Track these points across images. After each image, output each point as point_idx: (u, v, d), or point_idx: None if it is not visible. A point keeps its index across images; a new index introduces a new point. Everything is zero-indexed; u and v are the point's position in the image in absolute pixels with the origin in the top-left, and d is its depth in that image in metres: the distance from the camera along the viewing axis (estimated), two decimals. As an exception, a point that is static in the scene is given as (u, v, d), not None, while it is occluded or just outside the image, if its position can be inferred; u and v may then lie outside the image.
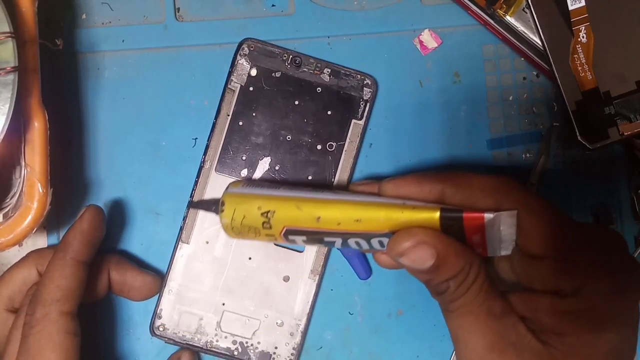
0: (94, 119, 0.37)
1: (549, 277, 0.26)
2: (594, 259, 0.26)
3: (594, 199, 0.39)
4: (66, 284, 0.30)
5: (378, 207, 0.28)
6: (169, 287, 0.36)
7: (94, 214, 0.33)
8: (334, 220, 0.29)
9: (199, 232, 0.36)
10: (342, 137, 0.37)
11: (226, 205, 0.31)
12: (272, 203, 0.30)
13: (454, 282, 0.27)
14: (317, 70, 0.37)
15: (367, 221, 0.28)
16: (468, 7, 0.37)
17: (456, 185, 0.28)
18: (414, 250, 0.26)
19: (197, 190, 0.36)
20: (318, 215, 0.29)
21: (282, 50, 0.37)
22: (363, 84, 0.37)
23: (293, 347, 0.36)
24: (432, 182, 0.28)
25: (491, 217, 0.26)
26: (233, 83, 0.37)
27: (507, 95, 0.38)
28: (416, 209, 0.27)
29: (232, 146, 0.36)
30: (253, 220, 0.30)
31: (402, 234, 0.27)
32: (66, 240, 0.32)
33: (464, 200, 0.28)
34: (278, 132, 0.37)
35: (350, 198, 0.29)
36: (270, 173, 0.36)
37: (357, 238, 0.29)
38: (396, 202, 0.28)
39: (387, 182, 0.30)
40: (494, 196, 0.27)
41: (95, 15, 0.37)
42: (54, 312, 0.30)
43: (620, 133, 0.36)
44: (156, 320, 0.36)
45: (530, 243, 0.27)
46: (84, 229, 0.32)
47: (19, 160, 0.32)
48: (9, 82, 0.29)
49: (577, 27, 0.35)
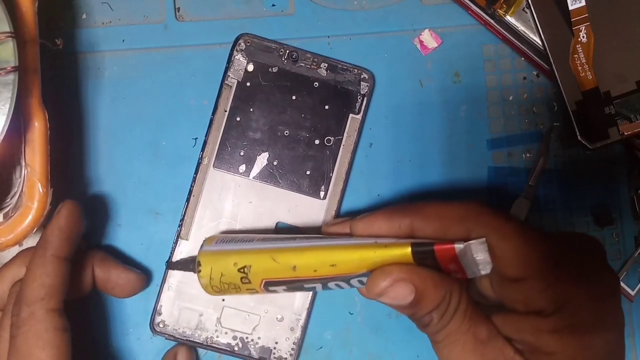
0: (94, 119, 0.37)
1: (529, 299, 0.26)
2: (571, 273, 0.26)
3: (594, 199, 0.39)
4: (49, 281, 0.30)
5: (351, 250, 0.28)
6: (168, 284, 0.36)
7: (71, 209, 0.32)
8: (310, 267, 0.29)
9: (197, 228, 0.36)
10: (340, 132, 0.37)
11: (202, 265, 0.31)
12: (248, 258, 0.30)
13: (436, 314, 0.27)
14: (314, 65, 0.37)
15: (342, 265, 0.28)
16: (468, 7, 0.37)
17: (424, 217, 0.28)
18: (392, 288, 0.27)
19: (196, 186, 0.36)
20: (294, 264, 0.29)
21: (279, 45, 0.37)
22: (360, 78, 0.37)
23: (293, 341, 0.36)
24: (400, 216, 0.28)
25: (461, 247, 0.26)
26: (230, 79, 0.37)
27: (507, 95, 0.38)
28: (388, 246, 0.27)
29: (230, 142, 0.36)
30: (231, 277, 0.30)
31: (378, 274, 0.27)
32: (45, 238, 0.31)
33: (434, 231, 0.28)
34: (276, 127, 0.37)
35: (323, 243, 0.29)
36: (269, 168, 0.36)
37: (336, 281, 0.29)
38: (368, 242, 0.28)
39: (358, 221, 0.29)
40: (464, 224, 0.27)
41: (95, 15, 0.37)
42: (39, 311, 0.29)
43: (620, 133, 0.36)
44: (156, 316, 0.36)
45: (506, 267, 0.26)
46: (62, 225, 0.32)
47: (19, 160, 0.32)
48: (9, 82, 0.29)
49: (577, 27, 0.35)
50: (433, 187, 0.38)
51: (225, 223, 0.36)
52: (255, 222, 0.36)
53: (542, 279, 0.26)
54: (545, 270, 0.26)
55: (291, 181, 0.36)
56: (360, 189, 0.37)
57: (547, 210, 0.38)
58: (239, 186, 0.36)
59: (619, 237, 0.39)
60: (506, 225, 0.27)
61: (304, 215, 0.36)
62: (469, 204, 0.28)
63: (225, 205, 0.36)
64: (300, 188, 0.36)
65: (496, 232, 0.26)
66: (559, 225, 0.38)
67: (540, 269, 0.26)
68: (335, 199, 0.36)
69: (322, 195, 0.36)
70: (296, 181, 0.36)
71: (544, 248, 0.26)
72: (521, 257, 0.26)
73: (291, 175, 0.36)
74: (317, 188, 0.36)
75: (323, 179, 0.37)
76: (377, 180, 0.38)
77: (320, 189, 0.36)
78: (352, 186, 0.37)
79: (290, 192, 0.36)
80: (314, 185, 0.36)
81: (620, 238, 0.39)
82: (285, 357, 0.36)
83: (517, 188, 0.38)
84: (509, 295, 0.27)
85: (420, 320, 0.28)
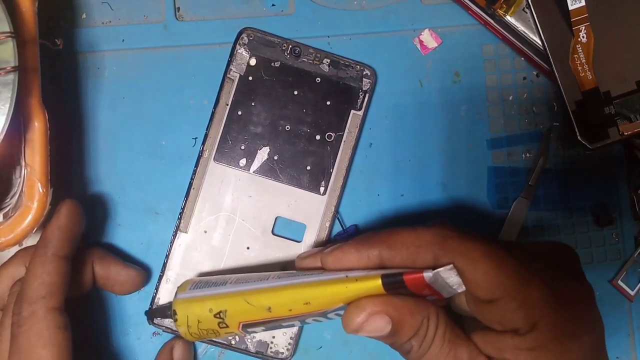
0: (94, 118, 0.37)
1: (504, 319, 0.26)
2: (542, 290, 0.26)
3: (594, 199, 0.39)
4: (50, 280, 0.30)
5: (323, 286, 0.28)
6: (166, 277, 0.36)
7: (71, 208, 0.32)
8: (285, 307, 0.29)
9: (197, 221, 0.36)
10: (341, 128, 0.37)
11: (178, 313, 0.31)
12: (222, 302, 0.30)
13: (416, 340, 0.27)
14: (316, 60, 0.37)
15: (315, 302, 0.28)
16: (468, 6, 0.37)
17: (392, 246, 0.28)
18: (368, 323, 0.27)
19: (196, 179, 0.36)
20: (268, 305, 0.29)
21: (282, 40, 0.37)
22: (362, 74, 0.37)
23: (290, 336, 0.36)
24: (368, 247, 0.28)
25: (430, 275, 0.26)
26: (232, 72, 0.37)
27: (507, 95, 0.38)
28: (359, 280, 0.27)
29: (231, 136, 0.36)
30: (208, 323, 0.30)
31: (352, 310, 0.27)
32: (45, 237, 0.31)
33: (402, 260, 0.27)
34: (277, 122, 0.37)
35: (295, 281, 0.29)
36: (269, 163, 0.36)
37: (313, 317, 0.29)
38: (339, 277, 0.28)
39: (327, 256, 0.29)
40: (431, 250, 0.27)
41: (95, 15, 0.37)
42: (41, 309, 0.29)
43: (620, 133, 0.36)
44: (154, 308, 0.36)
45: (477, 290, 0.26)
46: (62, 224, 0.32)
47: (19, 160, 0.32)
48: (9, 82, 0.29)
49: (577, 27, 0.35)
50: (433, 187, 0.38)
51: (225, 217, 0.36)
52: (254, 216, 0.36)
53: (514, 299, 0.26)
54: (517, 290, 0.26)
55: (291, 176, 0.36)
56: (360, 188, 0.37)
57: (547, 210, 0.38)
58: (239, 180, 0.36)
59: (619, 237, 0.39)
60: (473, 248, 0.26)
61: (304, 210, 0.36)
62: (435, 229, 0.28)
63: (225, 199, 0.36)
64: (300, 183, 0.36)
65: (463, 256, 0.26)
66: (559, 225, 0.38)
67: (512, 289, 0.26)
68: (335, 195, 0.36)
69: (322, 191, 0.36)
70: (296, 176, 0.36)
71: (513, 267, 0.26)
72: (491, 280, 0.26)
73: (291, 170, 0.37)
74: (317, 183, 0.36)
75: (323, 175, 0.37)
76: (377, 180, 0.38)
77: (321, 184, 0.37)
78: (352, 186, 0.37)
79: (290, 187, 0.36)
80: (314, 180, 0.36)
81: (620, 238, 0.39)
82: (282, 352, 0.36)
83: (517, 188, 0.38)
84: (484, 315, 0.27)
85: (400, 348, 0.28)
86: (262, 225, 0.36)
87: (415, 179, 0.38)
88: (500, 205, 0.38)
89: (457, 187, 0.38)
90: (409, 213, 0.38)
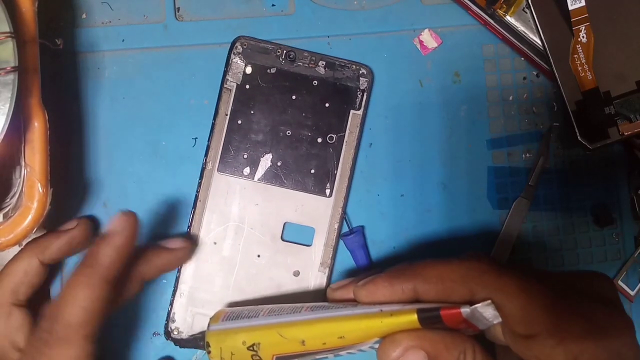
0: (94, 119, 0.37)
1: (543, 355, 0.26)
2: (582, 324, 0.26)
3: (594, 199, 0.39)
4: (91, 307, 0.28)
5: (357, 320, 0.28)
6: (180, 291, 0.36)
7: (132, 225, 0.30)
8: (318, 340, 0.28)
9: (205, 233, 0.36)
10: (342, 129, 0.37)
11: (211, 345, 0.31)
12: (255, 335, 0.30)
13: None
14: (312, 63, 0.37)
15: (349, 336, 0.28)
16: (468, 7, 0.37)
17: (427, 280, 0.27)
18: (404, 358, 0.26)
19: (201, 192, 0.36)
20: (302, 338, 0.29)
21: (276, 46, 0.37)
22: (359, 74, 0.37)
23: None
24: (402, 281, 0.28)
25: (468, 311, 0.25)
26: (229, 82, 0.37)
27: (507, 95, 0.38)
28: (394, 314, 0.27)
29: (233, 145, 0.36)
30: (242, 356, 0.30)
31: (388, 345, 0.27)
32: (96, 257, 0.29)
33: (437, 294, 0.27)
34: (277, 128, 0.37)
35: (328, 315, 0.29)
36: (273, 169, 0.36)
37: (347, 350, 0.29)
38: (373, 311, 0.28)
39: (360, 289, 0.29)
40: (467, 285, 0.27)
41: (95, 15, 0.37)
42: (75, 336, 0.28)
43: (620, 133, 0.36)
44: (170, 324, 0.36)
45: (514, 325, 0.26)
46: (119, 244, 0.29)
47: (19, 160, 0.32)
48: (9, 82, 0.29)
49: (577, 27, 0.35)
50: (433, 187, 0.38)
51: (233, 227, 0.36)
52: (263, 224, 0.36)
53: (553, 335, 0.26)
54: (555, 326, 0.26)
55: (296, 181, 0.36)
56: (360, 189, 0.37)
57: (547, 210, 0.38)
58: (244, 189, 0.36)
59: (619, 237, 0.39)
60: (509, 283, 0.26)
61: (311, 214, 0.36)
62: (470, 262, 0.27)
63: (232, 209, 0.36)
64: (305, 187, 0.36)
65: (500, 292, 0.26)
66: (559, 225, 0.38)
67: (550, 325, 0.26)
68: (341, 196, 0.37)
69: (328, 193, 0.36)
70: (301, 180, 0.36)
71: (551, 301, 0.26)
72: (529, 315, 0.26)
73: (296, 174, 0.37)
74: (323, 186, 0.36)
75: (328, 177, 0.37)
76: (377, 180, 0.38)
77: (326, 186, 0.37)
78: (352, 186, 0.37)
79: (296, 192, 0.36)
80: (319, 183, 0.37)
81: (620, 238, 0.39)
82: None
83: (517, 188, 0.38)
84: (522, 350, 0.27)
85: None
86: (271, 232, 0.36)
87: (415, 179, 0.38)
88: (500, 205, 0.38)
89: (457, 187, 0.38)
90: (409, 213, 0.38)
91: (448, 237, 0.38)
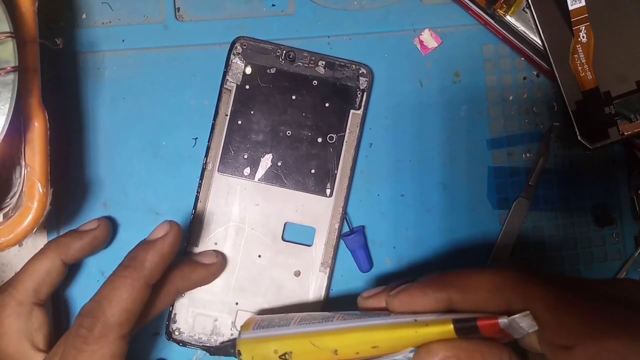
0: (94, 119, 0.37)
1: None
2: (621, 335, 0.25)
3: (594, 199, 0.39)
4: (132, 308, 0.29)
5: (391, 330, 0.27)
6: None
7: (177, 234, 0.31)
8: (352, 350, 0.28)
9: (206, 234, 0.36)
10: (342, 128, 0.37)
11: (243, 354, 0.31)
12: (287, 344, 0.29)
13: None
14: (311, 63, 0.37)
15: (383, 345, 0.27)
16: (468, 7, 0.37)
17: (462, 290, 0.27)
18: None
19: (202, 192, 0.36)
20: (334, 348, 0.28)
21: (275, 46, 0.37)
22: (358, 73, 0.37)
23: None
24: (436, 290, 0.28)
25: (506, 322, 0.25)
26: (229, 83, 0.37)
27: (507, 95, 0.38)
28: (429, 324, 0.27)
29: (233, 146, 0.36)
30: None
31: (424, 355, 0.26)
32: (142, 261, 0.30)
33: (473, 304, 0.27)
34: (278, 128, 0.37)
35: (361, 324, 0.29)
36: (273, 170, 0.36)
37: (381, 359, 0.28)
38: (407, 320, 0.27)
39: (393, 299, 0.28)
40: (503, 295, 0.26)
41: (95, 15, 0.37)
42: (113, 335, 0.29)
43: (620, 133, 0.36)
44: (171, 324, 0.36)
45: (552, 336, 0.26)
46: (165, 253, 0.31)
47: (19, 160, 0.32)
48: (9, 82, 0.29)
49: (577, 27, 0.35)
50: (433, 187, 0.38)
51: (234, 227, 0.36)
52: (263, 224, 0.36)
53: (591, 346, 0.25)
54: (594, 338, 0.25)
55: (296, 181, 0.36)
56: (360, 189, 0.37)
57: (547, 210, 0.38)
58: (244, 189, 0.36)
59: (619, 237, 0.39)
60: (547, 293, 0.26)
61: (312, 213, 0.36)
62: (506, 271, 0.27)
63: (233, 209, 0.36)
64: (306, 187, 0.36)
65: (538, 302, 0.26)
66: (559, 225, 0.38)
67: (588, 337, 0.25)
68: (342, 196, 0.37)
69: (329, 193, 0.36)
70: (301, 180, 0.36)
71: (590, 312, 0.26)
72: (568, 326, 0.25)
73: (296, 174, 0.37)
74: (323, 186, 0.37)
75: (328, 177, 0.37)
76: (377, 180, 0.38)
77: (326, 186, 0.37)
78: (352, 186, 0.37)
79: (297, 192, 0.36)
80: (320, 183, 0.37)
81: (620, 238, 0.39)
82: None
83: (517, 188, 0.38)
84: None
85: None
86: (272, 232, 0.36)
87: (415, 179, 0.38)
88: (500, 205, 0.38)
89: (457, 187, 0.38)
90: (409, 213, 0.38)
91: (448, 237, 0.38)
